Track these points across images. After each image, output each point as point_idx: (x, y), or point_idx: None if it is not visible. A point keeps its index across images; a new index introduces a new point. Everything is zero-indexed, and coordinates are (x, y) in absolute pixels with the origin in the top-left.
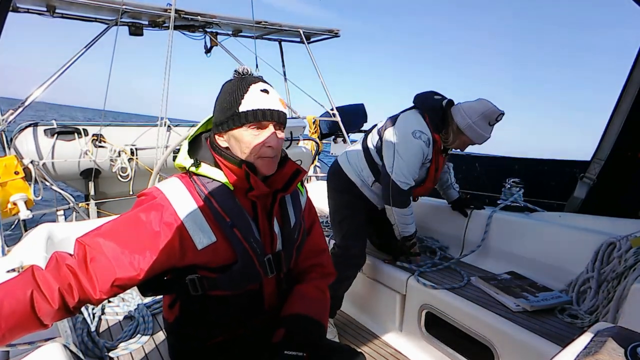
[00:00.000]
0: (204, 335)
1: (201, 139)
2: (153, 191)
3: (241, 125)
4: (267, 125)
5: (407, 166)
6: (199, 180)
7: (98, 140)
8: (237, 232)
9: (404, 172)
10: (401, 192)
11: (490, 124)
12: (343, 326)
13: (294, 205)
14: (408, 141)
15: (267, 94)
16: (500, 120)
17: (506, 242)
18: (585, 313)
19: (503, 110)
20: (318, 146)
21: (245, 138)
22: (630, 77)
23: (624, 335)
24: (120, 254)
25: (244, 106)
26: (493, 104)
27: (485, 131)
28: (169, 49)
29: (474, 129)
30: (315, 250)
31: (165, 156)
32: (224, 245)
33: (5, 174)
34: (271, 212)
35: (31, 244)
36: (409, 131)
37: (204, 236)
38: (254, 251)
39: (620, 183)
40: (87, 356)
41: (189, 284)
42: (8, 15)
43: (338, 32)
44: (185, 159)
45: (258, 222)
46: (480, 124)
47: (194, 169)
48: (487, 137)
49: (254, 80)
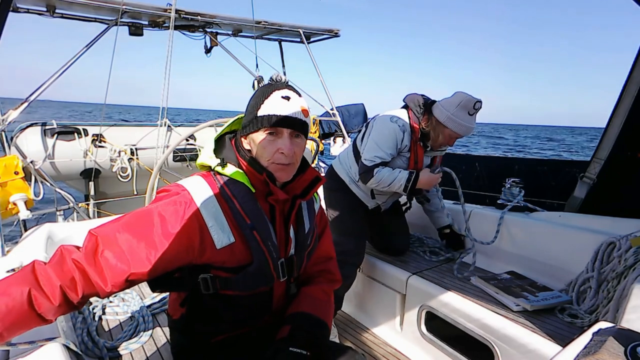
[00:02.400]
0: (208, 333)
1: (226, 139)
2: (176, 187)
3: (258, 129)
4: (282, 131)
5: (376, 145)
6: (222, 179)
7: (98, 140)
8: (257, 235)
9: (372, 151)
10: (366, 169)
11: (469, 113)
12: (343, 326)
13: (309, 211)
14: (383, 125)
15: (287, 101)
16: (480, 108)
17: (506, 242)
18: (585, 313)
19: (479, 99)
20: (318, 146)
21: (261, 142)
22: (630, 76)
23: (623, 334)
24: (136, 247)
25: (262, 110)
26: (469, 94)
27: (466, 121)
28: (169, 49)
29: (453, 119)
30: (323, 256)
31: (165, 156)
32: (241, 246)
33: (5, 174)
34: (289, 217)
35: (31, 244)
36: (388, 117)
37: (224, 236)
38: (270, 254)
39: (620, 183)
40: (87, 356)
41: (201, 283)
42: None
43: (338, 32)
44: (211, 158)
45: (275, 225)
46: (458, 114)
47: (219, 168)
48: (469, 127)
49: (279, 87)
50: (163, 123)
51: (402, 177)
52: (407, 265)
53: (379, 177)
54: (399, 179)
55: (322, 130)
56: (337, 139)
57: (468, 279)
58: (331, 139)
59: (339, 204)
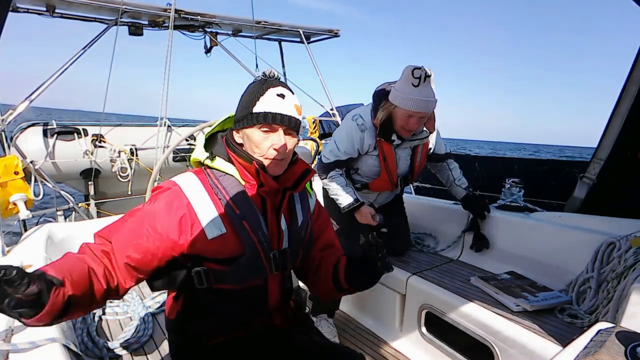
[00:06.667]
0: (206, 333)
1: (217, 136)
2: (168, 183)
3: (253, 125)
4: (277, 128)
5: (334, 143)
6: (212, 173)
7: (98, 140)
8: (246, 225)
9: (330, 148)
10: (322, 166)
11: (413, 84)
12: (343, 326)
13: (302, 204)
14: (345, 123)
15: (282, 99)
16: (424, 76)
17: (506, 242)
18: (585, 313)
19: (420, 65)
20: (318, 146)
21: (255, 138)
22: (630, 76)
23: (623, 335)
24: (132, 235)
25: (257, 107)
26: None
27: (410, 93)
28: (169, 49)
29: (397, 95)
30: (329, 244)
31: (165, 156)
32: (233, 237)
33: (5, 174)
34: (279, 209)
35: (31, 244)
36: (351, 115)
37: (215, 227)
38: (261, 244)
39: (620, 183)
40: (87, 356)
41: (195, 277)
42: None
43: (338, 32)
44: (201, 153)
45: (267, 217)
46: (401, 88)
47: (208, 162)
48: (417, 99)
49: (274, 84)
50: (163, 123)
51: (346, 200)
52: (407, 265)
53: (330, 183)
54: (344, 199)
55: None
56: None
57: (468, 279)
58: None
59: (333, 200)
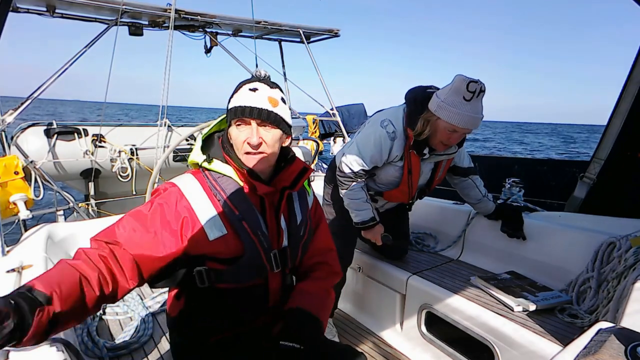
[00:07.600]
0: (207, 331)
1: (214, 137)
2: (166, 185)
3: (230, 123)
4: (249, 121)
5: (359, 151)
6: (210, 175)
7: (98, 140)
8: (246, 225)
9: (353, 156)
10: (343, 175)
11: (465, 98)
12: (343, 326)
13: (300, 203)
14: (372, 129)
15: (253, 92)
16: (479, 91)
17: (506, 242)
18: (585, 313)
19: (476, 79)
20: (318, 146)
21: (232, 134)
22: (630, 76)
23: (624, 334)
24: (132, 235)
25: (231, 104)
26: (466, 76)
27: (461, 108)
28: (169, 49)
29: (445, 107)
30: (321, 248)
31: (165, 156)
32: (234, 237)
33: (5, 174)
34: (278, 208)
35: (31, 244)
36: (379, 121)
37: (215, 228)
38: (262, 244)
39: (620, 183)
40: (87, 356)
41: (197, 276)
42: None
43: (338, 32)
44: (199, 155)
45: (266, 217)
46: (451, 100)
47: (206, 164)
48: (466, 116)
49: (250, 80)
50: (163, 123)
51: (363, 217)
52: (407, 265)
53: (349, 195)
54: (362, 215)
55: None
56: (337, 139)
57: (468, 279)
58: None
59: (333, 199)
